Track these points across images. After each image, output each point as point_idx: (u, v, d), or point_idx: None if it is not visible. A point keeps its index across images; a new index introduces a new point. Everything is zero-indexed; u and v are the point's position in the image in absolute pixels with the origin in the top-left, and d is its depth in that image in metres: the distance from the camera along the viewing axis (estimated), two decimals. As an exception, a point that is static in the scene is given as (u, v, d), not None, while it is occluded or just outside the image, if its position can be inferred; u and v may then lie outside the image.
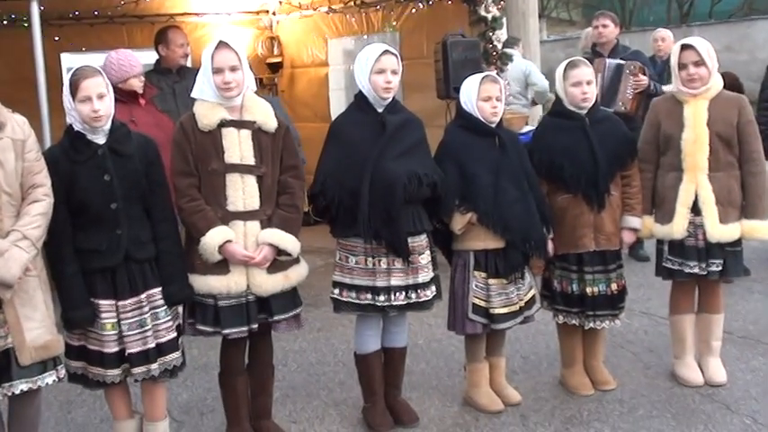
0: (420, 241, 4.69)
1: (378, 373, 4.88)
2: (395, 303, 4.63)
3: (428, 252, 4.75)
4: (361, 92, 4.73)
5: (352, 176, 4.54)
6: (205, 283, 4.34)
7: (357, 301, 4.68)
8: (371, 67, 4.60)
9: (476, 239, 4.84)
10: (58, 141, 4.29)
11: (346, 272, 4.70)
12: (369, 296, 4.65)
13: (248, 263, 4.34)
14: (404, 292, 4.65)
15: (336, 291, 4.73)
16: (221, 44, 4.36)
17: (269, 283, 4.42)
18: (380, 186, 4.50)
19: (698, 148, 5.01)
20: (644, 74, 7.56)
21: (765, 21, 21.65)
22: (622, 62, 7.59)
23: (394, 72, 4.63)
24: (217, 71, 4.32)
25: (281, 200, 4.48)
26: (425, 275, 4.70)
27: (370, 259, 4.64)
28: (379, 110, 4.68)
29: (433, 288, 4.76)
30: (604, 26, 8.08)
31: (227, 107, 4.38)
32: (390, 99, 4.69)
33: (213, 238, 4.27)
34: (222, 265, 4.33)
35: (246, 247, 4.35)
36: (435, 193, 4.69)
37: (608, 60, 7.68)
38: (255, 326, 4.45)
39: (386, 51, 4.63)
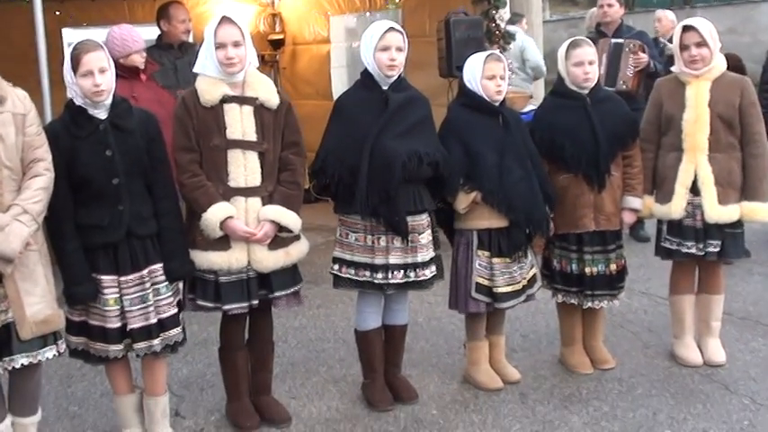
0: (420, 221, 4.68)
1: (378, 350, 4.89)
2: (392, 281, 4.63)
3: (429, 231, 4.74)
4: (366, 69, 4.69)
5: (352, 154, 4.53)
6: (206, 259, 4.34)
7: (355, 278, 4.68)
8: (376, 45, 4.57)
9: (479, 218, 4.83)
10: (59, 116, 4.28)
11: (346, 248, 4.71)
12: (367, 273, 4.65)
13: (249, 239, 4.34)
14: (402, 271, 4.64)
15: (336, 266, 4.74)
16: (224, 19, 4.34)
17: (270, 260, 4.42)
18: (379, 164, 4.49)
19: (698, 129, 5.00)
20: (643, 51, 7.55)
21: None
22: (621, 41, 7.56)
23: (399, 49, 4.60)
24: (219, 46, 4.29)
25: (283, 176, 4.48)
26: (425, 255, 4.69)
27: (369, 237, 4.64)
28: (384, 87, 4.64)
29: (433, 267, 4.75)
30: (609, 5, 8.05)
31: (229, 83, 4.36)
32: (395, 76, 4.65)
33: (215, 214, 4.27)
34: (223, 241, 4.33)
35: (248, 223, 4.35)
36: (438, 172, 4.67)
37: (612, 40, 7.66)
38: (256, 302, 4.46)
39: (391, 29, 4.61)
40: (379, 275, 4.63)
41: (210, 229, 4.28)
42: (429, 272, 4.72)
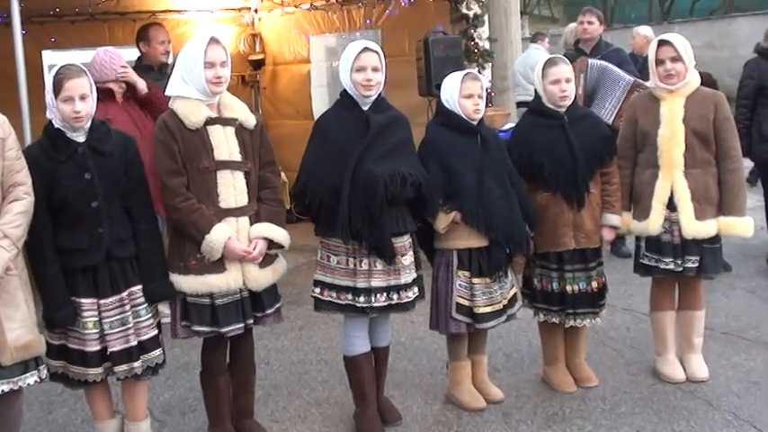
0: (403, 242, 4.65)
1: (368, 376, 4.82)
2: (375, 305, 4.58)
3: (411, 253, 4.71)
4: (345, 90, 4.67)
5: (333, 176, 4.48)
6: (204, 283, 4.32)
7: (337, 301, 4.63)
8: (351, 65, 4.56)
9: (459, 238, 4.83)
10: (38, 139, 4.27)
11: (328, 271, 4.66)
12: (349, 296, 4.60)
13: (245, 258, 4.35)
14: (385, 294, 4.59)
15: (317, 289, 4.69)
16: (213, 40, 4.37)
17: (262, 278, 4.46)
18: (362, 186, 4.44)
19: (674, 145, 5.02)
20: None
21: (746, 18, 21.76)
22: (629, 78, 7.49)
23: (375, 69, 4.57)
24: (209, 65, 4.30)
25: (264, 194, 4.51)
26: (408, 276, 4.65)
27: (351, 260, 4.59)
28: (364, 108, 4.61)
29: (416, 289, 4.71)
30: (590, 23, 8.13)
31: (208, 104, 4.37)
32: (374, 96, 4.62)
33: (219, 235, 4.27)
34: (218, 264, 4.34)
35: (240, 242, 4.37)
36: (420, 193, 4.63)
37: (590, 60, 7.67)
38: (251, 321, 4.47)
39: (365, 49, 4.59)
40: (362, 299, 4.57)
41: (215, 251, 4.28)
42: (412, 293, 4.68)
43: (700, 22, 24.31)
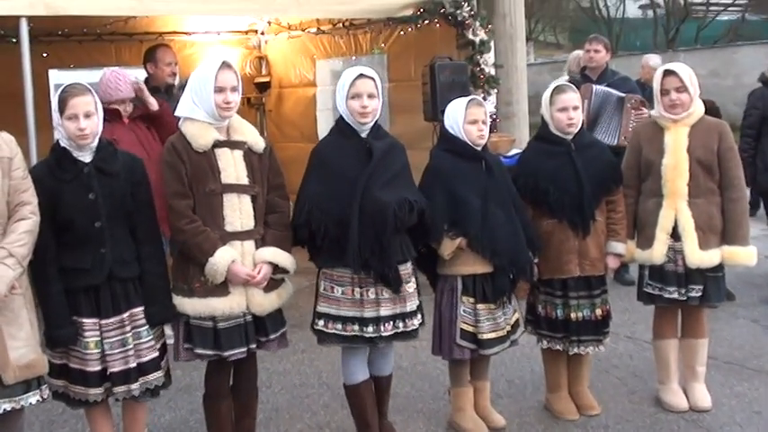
0: (407, 269, 4.63)
1: (370, 404, 4.79)
2: (384, 334, 4.53)
3: (414, 279, 4.69)
4: (342, 116, 4.63)
5: (338, 205, 4.43)
6: (207, 306, 4.31)
7: (343, 333, 4.56)
8: (347, 92, 4.53)
9: (464, 264, 4.82)
10: (44, 158, 4.29)
11: (332, 302, 4.58)
12: (356, 327, 4.53)
13: (249, 282, 4.34)
14: (392, 322, 4.55)
15: (321, 322, 4.61)
16: (224, 64, 4.36)
17: (266, 302, 4.43)
18: (370, 215, 4.40)
19: (678, 174, 5.03)
20: (645, 106, 7.53)
21: (751, 47, 21.86)
22: (620, 94, 7.55)
23: (371, 96, 4.53)
24: (219, 90, 4.30)
25: (272, 219, 4.48)
26: (413, 303, 4.63)
27: (357, 289, 4.52)
28: (363, 135, 4.59)
29: (419, 316, 4.70)
30: (596, 51, 8.15)
31: (217, 127, 4.37)
32: (372, 123, 4.59)
33: (223, 258, 4.25)
34: (222, 287, 4.32)
35: (245, 266, 4.35)
36: (422, 219, 4.61)
37: (595, 87, 7.69)
38: (254, 346, 4.45)
39: (361, 75, 4.55)
40: (370, 329, 4.51)
41: (218, 274, 4.26)
42: (416, 321, 4.66)
43: (704, 51, 24.42)
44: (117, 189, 4.18)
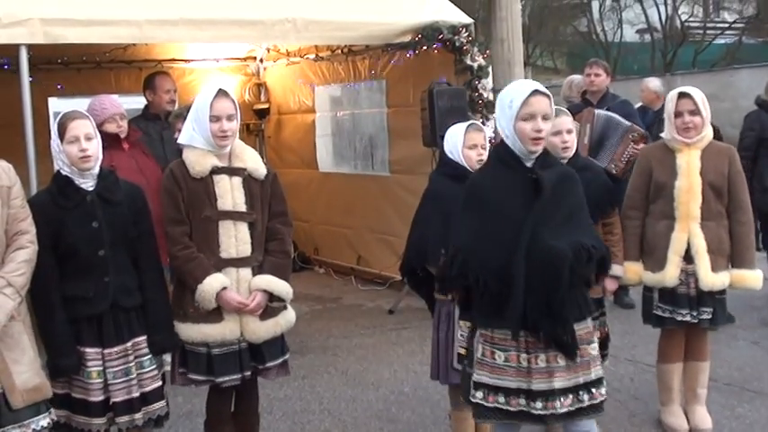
0: (587, 328, 3.84)
1: None
2: (560, 411, 3.72)
3: (596, 339, 3.94)
4: (503, 142, 3.84)
5: (498, 253, 3.66)
6: (199, 332, 4.32)
7: (507, 408, 3.78)
8: (517, 112, 3.70)
9: (462, 288, 4.78)
10: (46, 187, 4.29)
11: (495, 371, 3.81)
12: (522, 401, 3.75)
13: (242, 310, 4.33)
14: (571, 396, 3.74)
15: (480, 394, 3.85)
16: (221, 92, 4.38)
17: (262, 330, 4.41)
18: (539, 267, 3.61)
19: (691, 197, 5.04)
20: (645, 142, 7.51)
21: (748, 70, 21.93)
22: (626, 123, 7.54)
23: (545, 118, 3.72)
24: (215, 119, 4.31)
25: (271, 246, 4.48)
26: (598, 370, 3.85)
27: (524, 356, 3.75)
28: (528, 164, 3.78)
29: (604, 384, 3.89)
30: (597, 75, 8.18)
31: (217, 154, 4.38)
32: (540, 151, 3.78)
33: (211, 285, 4.26)
34: (216, 313, 4.32)
35: (239, 293, 4.34)
36: (603, 268, 3.88)
37: (596, 111, 7.68)
38: (248, 373, 4.44)
39: (535, 92, 3.73)
40: (539, 404, 3.71)
41: (207, 301, 4.27)
42: (603, 390, 3.85)
43: (702, 74, 24.51)
44: (120, 217, 4.20)
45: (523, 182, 3.73)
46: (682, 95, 5.12)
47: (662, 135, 5.25)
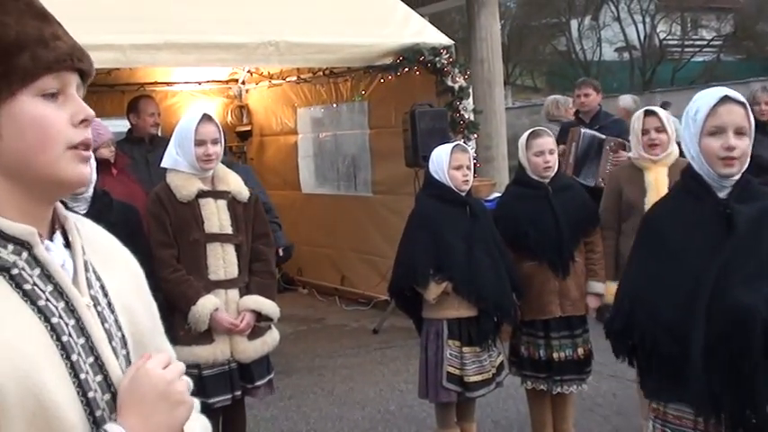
0: None
1: None
2: None
3: None
4: (690, 166, 3.09)
5: (673, 306, 2.92)
6: (191, 353, 4.34)
7: None
8: (702, 125, 2.98)
9: (449, 308, 4.85)
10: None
11: None
12: None
13: (232, 330, 4.39)
14: None
15: None
16: (205, 116, 4.45)
17: (251, 350, 4.48)
18: (723, 326, 2.82)
19: None
20: (624, 149, 7.59)
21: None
22: (602, 136, 7.60)
23: (739, 132, 2.95)
24: (200, 143, 4.37)
25: (256, 267, 4.55)
26: None
27: None
28: (721, 195, 2.98)
29: None
30: (586, 95, 8.20)
31: (201, 178, 4.44)
32: (735, 174, 2.97)
33: (205, 306, 4.31)
34: (206, 335, 4.37)
35: (228, 314, 4.41)
36: None
37: (583, 130, 7.72)
38: (239, 393, 4.49)
39: (726, 98, 2.99)
40: None
41: (201, 322, 4.32)
42: None
43: (681, 92, 24.70)
44: (114, 239, 4.21)
45: (712, 217, 2.96)
46: (648, 113, 5.22)
47: (629, 154, 5.33)
